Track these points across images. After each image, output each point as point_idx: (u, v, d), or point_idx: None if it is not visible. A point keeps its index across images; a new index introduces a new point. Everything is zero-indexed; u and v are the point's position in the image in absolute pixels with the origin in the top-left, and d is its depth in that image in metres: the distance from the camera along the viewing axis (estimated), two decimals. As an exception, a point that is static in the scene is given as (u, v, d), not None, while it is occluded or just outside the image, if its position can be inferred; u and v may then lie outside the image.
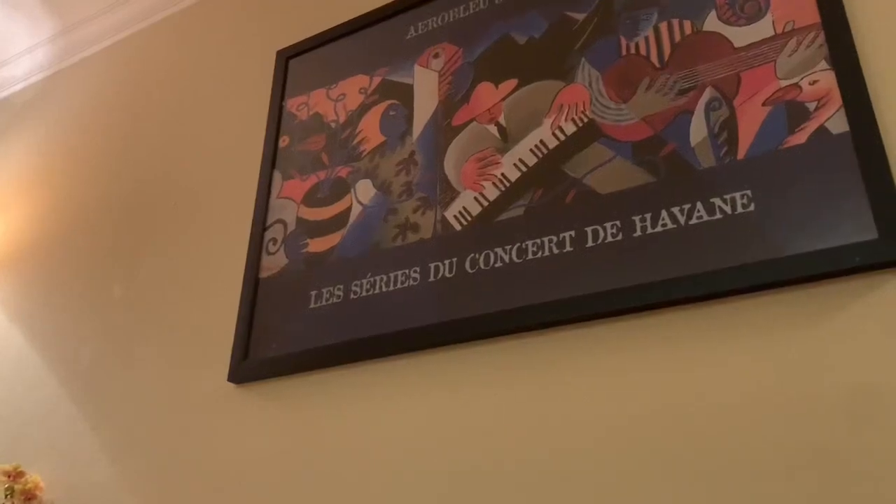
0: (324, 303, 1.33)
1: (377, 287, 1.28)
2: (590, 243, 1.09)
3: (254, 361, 1.36)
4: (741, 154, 1.03)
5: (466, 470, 1.08)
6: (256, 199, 1.52)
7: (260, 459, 1.29)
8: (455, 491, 1.08)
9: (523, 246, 1.15)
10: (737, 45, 1.09)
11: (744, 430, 0.90)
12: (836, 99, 0.98)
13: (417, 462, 1.13)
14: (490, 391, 1.11)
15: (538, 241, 1.14)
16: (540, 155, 1.20)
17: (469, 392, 1.13)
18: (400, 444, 1.16)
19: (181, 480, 1.38)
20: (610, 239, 1.08)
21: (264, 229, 1.48)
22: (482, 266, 1.18)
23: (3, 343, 1.87)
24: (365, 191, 1.38)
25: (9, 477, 1.51)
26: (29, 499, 1.49)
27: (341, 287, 1.32)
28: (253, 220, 1.51)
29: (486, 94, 1.31)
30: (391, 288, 1.26)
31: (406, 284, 1.25)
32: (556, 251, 1.12)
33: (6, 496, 1.52)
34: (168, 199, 1.74)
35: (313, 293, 1.35)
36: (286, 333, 1.35)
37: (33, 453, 1.61)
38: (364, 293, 1.29)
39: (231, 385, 1.39)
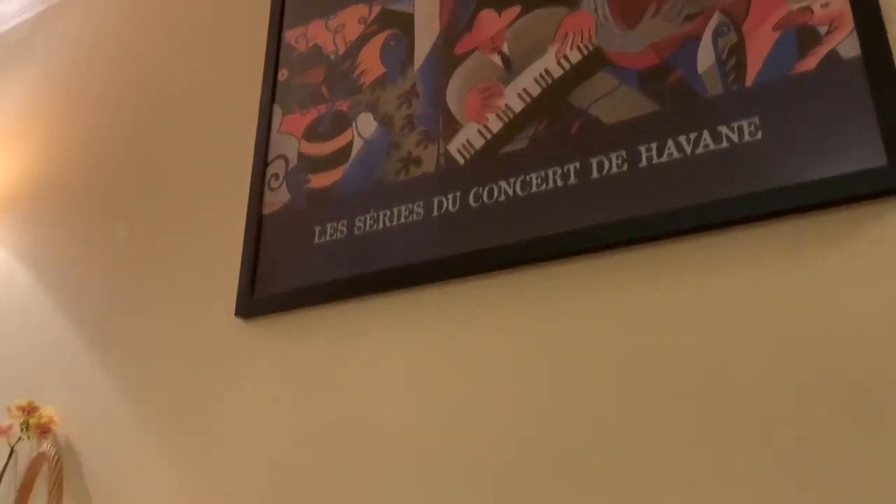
0: (328, 238, 1.33)
1: (381, 222, 1.28)
2: (595, 175, 1.08)
3: (261, 297, 1.37)
4: (749, 81, 1.01)
5: (470, 403, 1.10)
6: (257, 135, 1.50)
7: (268, 392, 1.32)
8: (460, 424, 1.09)
9: (527, 179, 1.14)
10: (747, -34, 1.05)
11: (750, 359, 0.91)
12: (849, 22, 0.96)
13: (422, 395, 1.15)
14: (494, 325, 1.11)
15: (542, 173, 1.13)
16: (544, 85, 1.18)
17: (473, 326, 1.13)
18: (405, 378, 1.17)
19: (192, 413, 1.40)
20: (615, 170, 1.07)
21: (266, 165, 1.47)
22: (486, 200, 1.17)
23: (10, 283, 1.89)
24: (366, 124, 1.36)
25: (23, 412, 1.54)
26: (44, 432, 1.53)
27: (345, 223, 1.32)
28: (254, 156, 1.49)
29: (489, 21, 1.28)
30: (395, 223, 1.26)
31: (410, 220, 1.24)
32: (560, 183, 1.11)
33: (22, 430, 1.55)
34: (168, 137, 1.72)
35: (317, 229, 1.35)
36: (292, 269, 1.35)
37: (46, 389, 1.64)
38: (368, 229, 1.29)
39: (239, 320, 1.40)
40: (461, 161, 1.22)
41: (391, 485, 1.12)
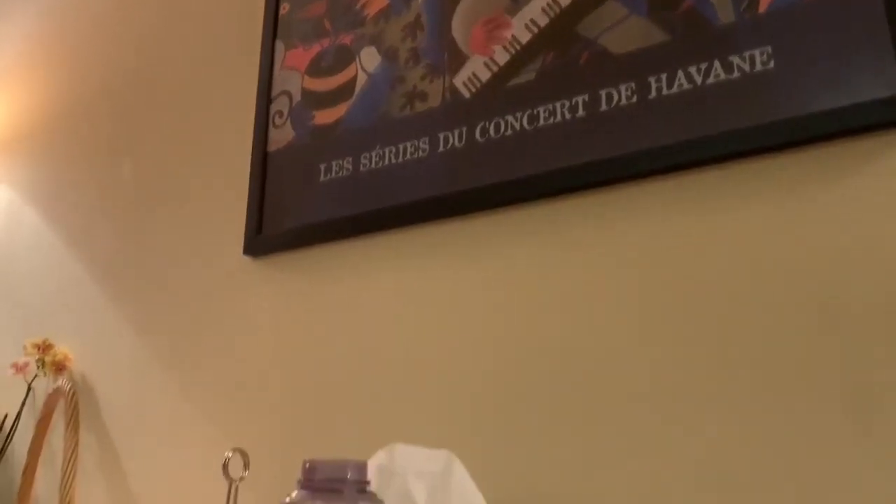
0: (333, 176, 1.32)
1: (386, 159, 1.27)
2: (603, 107, 1.06)
3: (268, 235, 1.38)
4: (762, 7, 0.98)
5: (476, 339, 1.11)
6: (260, 71, 1.48)
7: (277, 328, 1.33)
8: (464, 360, 1.11)
9: (535, 112, 1.13)
10: None
11: (765, 289, 0.91)
12: (868, -56, 0.92)
13: (427, 331, 1.16)
14: (501, 262, 1.12)
15: (550, 106, 1.11)
16: (552, 15, 1.15)
17: (480, 263, 1.14)
18: (411, 313, 1.18)
19: (203, 351, 1.43)
20: (624, 102, 1.05)
21: (269, 102, 1.46)
22: (492, 134, 1.16)
23: (18, 223, 1.90)
24: (370, 58, 1.34)
25: (38, 349, 1.57)
26: (60, 369, 1.56)
27: (350, 160, 1.31)
28: (257, 93, 1.47)
29: (495, -51, 1.24)
30: (400, 160, 1.25)
31: (415, 156, 1.23)
32: (568, 116, 1.09)
33: (38, 367, 1.58)
34: (171, 75, 1.70)
35: (322, 166, 1.34)
36: (298, 207, 1.35)
37: (59, 328, 1.67)
38: (373, 166, 1.28)
39: (247, 258, 1.41)
40: (467, 95, 1.20)
41: (396, 410, 1.14)
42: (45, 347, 1.58)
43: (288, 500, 0.69)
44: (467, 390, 1.09)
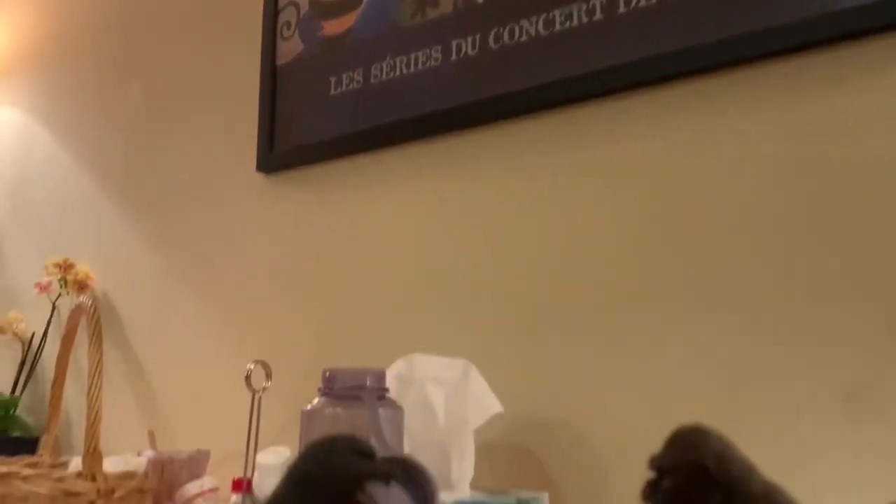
0: (344, 89, 1.30)
1: (398, 69, 1.24)
2: (622, 9, 1.02)
3: (280, 152, 1.36)
4: None
5: (491, 249, 1.10)
6: (265, -19, 1.44)
7: (294, 244, 1.34)
8: (478, 270, 1.11)
9: (550, 16, 1.09)
10: None
11: (774, 197, 0.89)
12: None
13: (442, 243, 1.15)
14: (517, 171, 1.10)
15: (566, 9, 1.07)
16: (567, -89, 1.09)
17: (495, 173, 1.12)
18: (426, 226, 1.18)
19: (221, 267, 1.44)
20: (643, 3, 1.01)
21: (277, 13, 1.42)
22: (506, 41, 1.12)
23: (32, 144, 1.89)
24: (379, -37, 1.29)
25: (60, 269, 1.59)
26: (82, 288, 1.58)
27: (360, 72, 1.28)
28: (264, 4, 1.43)
29: None
30: (412, 70, 1.22)
31: (427, 65, 1.20)
32: (585, 20, 1.05)
33: (61, 286, 1.60)
34: (174, -14, 1.65)
35: (332, 79, 1.31)
36: (309, 122, 1.33)
37: (78, 248, 1.68)
38: (385, 77, 1.25)
39: (260, 175, 1.40)
40: (480, 0, 1.16)
41: (413, 321, 1.16)
42: (66, 267, 1.60)
43: (309, 407, 0.71)
44: (482, 300, 1.10)
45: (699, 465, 0.23)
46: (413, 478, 0.65)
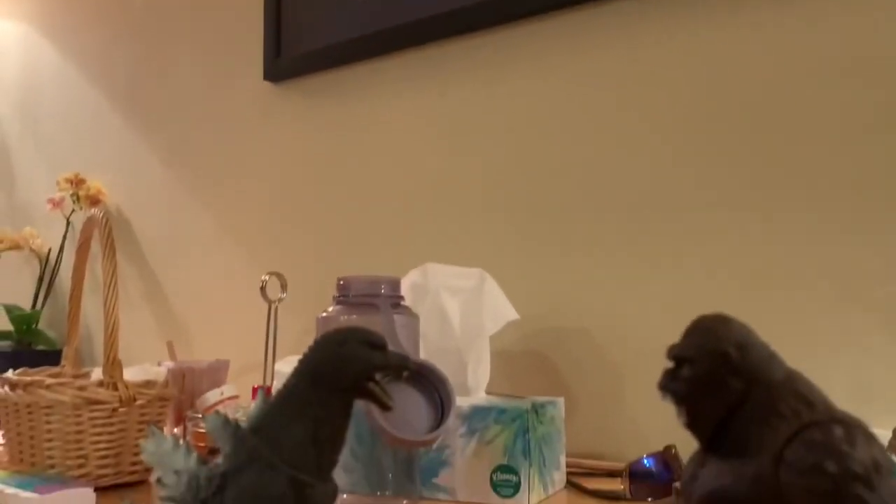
0: (352, -8, 1.25)
1: (408, -30, 1.18)
2: None
3: (287, 58, 1.33)
4: None
5: (505, 158, 1.08)
6: None
7: (305, 154, 1.32)
8: (493, 179, 1.09)
9: None
10: None
11: (799, 100, 0.86)
12: None
13: (455, 151, 1.13)
14: (535, 75, 1.07)
15: None
16: None
17: (512, 77, 1.09)
18: (439, 135, 1.15)
19: (233, 179, 1.43)
20: None
21: (279, -88, 1.36)
22: (520, -64, 1.07)
23: (38, 60, 1.86)
24: None
25: (71, 184, 1.59)
26: (94, 203, 1.58)
27: (370, -27, 1.23)
28: None
29: None
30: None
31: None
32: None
33: (73, 202, 1.60)
34: None
35: (340, -19, 1.27)
36: (316, 28, 1.29)
37: (89, 163, 1.68)
38: (395, -22, 1.20)
39: (268, 84, 1.37)
40: None
41: (427, 231, 1.15)
42: (77, 182, 1.60)
43: (324, 314, 0.71)
44: (497, 208, 1.09)
45: (720, 352, 0.22)
46: (428, 379, 0.65)
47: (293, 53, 1.32)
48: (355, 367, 0.27)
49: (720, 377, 0.22)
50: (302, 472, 0.25)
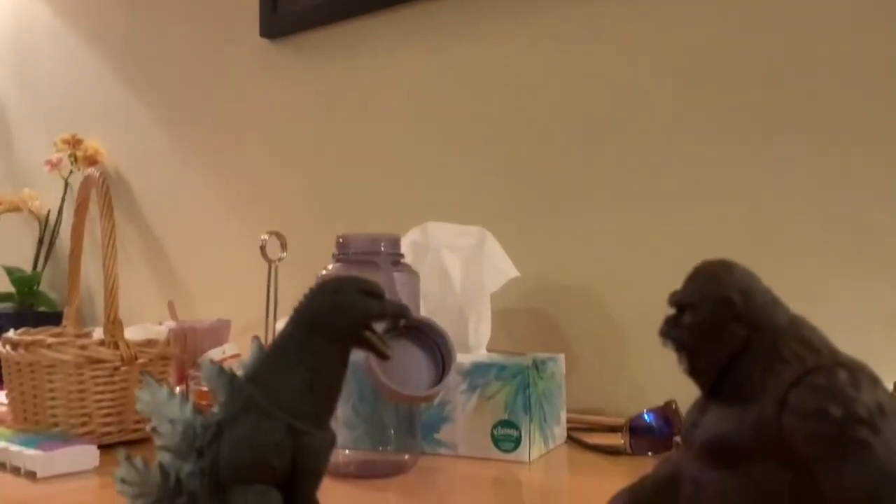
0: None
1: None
2: None
3: (284, 15, 1.31)
4: None
5: (504, 112, 1.07)
6: None
7: (300, 113, 1.30)
8: (492, 136, 1.08)
9: None
10: None
11: (813, 42, 0.85)
12: None
13: (454, 108, 1.12)
14: (533, 28, 1.05)
15: None
16: None
17: (510, 30, 1.07)
18: (437, 91, 1.14)
19: (228, 139, 1.41)
20: None
21: None
22: None
23: (33, 20, 1.83)
24: None
25: (69, 145, 1.57)
26: (92, 163, 1.57)
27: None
28: None
29: None
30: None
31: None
32: None
33: (72, 163, 1.59)
34: None
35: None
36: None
37: (86, 124, 1.66)
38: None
39: (265, 41, 1.35)
40: None
41: (427, 189, 1.14)
42: (74, 142, 1.58)
43: (324, 272, 0.70)
44: (496, 163, 1.08)
45: (723, 298, 0.22)
46: (428, 335, 0.65)
47: (290, 9, 1.30)
48: (352, 316, 0.27)
49: (723, 323, 0.22)
50: (299, 419, 0.25)
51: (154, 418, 0.25)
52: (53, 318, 1.28)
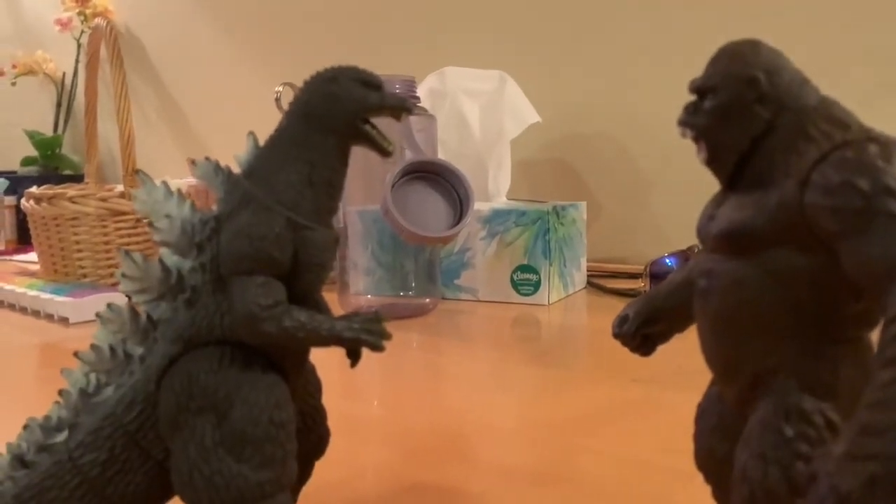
0: None
1: None
2: None
3: None
4: None
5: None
6: None
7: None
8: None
9: None
10: None
11: None
12: None
13: None
14: None
15: None
16: None
17: None
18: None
19: None
20: None
21: None
22: None
23: None
24: None
25: (77, 2, 1.53)
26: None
27: None
28: None
29: None
30: None
31: None
32: None
33: (82, 22, 1.55)
34: None
35: None
36: None
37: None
38: None
39: None
40: None
41: (444, 32, 1.10)
42: (82, 0, 1.53)
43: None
44: (518, 6, 1.02)
45: (747, 77, 0.20)
46: (446, 179, 0.64)
47: None
48: (348, 107, 0.26)
49: (746, 104, 0.20)
50: (299, 214, 0.24)
51: (151, 215, 0.25)
52: (78, 181, 1.29)
